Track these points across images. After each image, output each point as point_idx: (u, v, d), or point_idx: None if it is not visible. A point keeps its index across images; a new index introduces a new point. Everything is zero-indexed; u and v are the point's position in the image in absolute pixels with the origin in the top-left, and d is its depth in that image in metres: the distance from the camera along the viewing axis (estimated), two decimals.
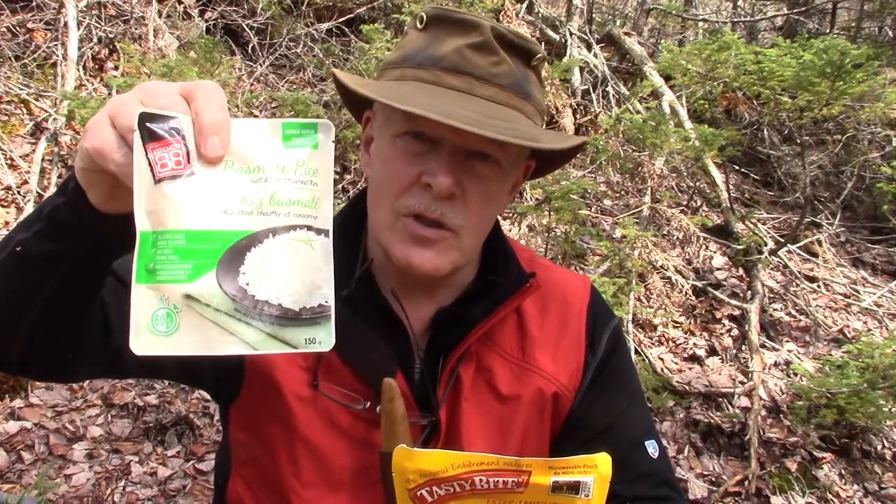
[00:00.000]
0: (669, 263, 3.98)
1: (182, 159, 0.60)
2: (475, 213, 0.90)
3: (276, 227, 0.62)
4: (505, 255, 1.02)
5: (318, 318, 0.63)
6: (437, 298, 0.99)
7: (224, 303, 0.60)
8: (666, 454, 1.07)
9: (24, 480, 2.34)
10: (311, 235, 0.63)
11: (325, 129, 0.63)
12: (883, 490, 3.05)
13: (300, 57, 4.75)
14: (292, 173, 0.63)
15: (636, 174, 4.58)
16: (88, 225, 0.69)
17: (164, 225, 0.59)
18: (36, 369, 0.85)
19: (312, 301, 0.63)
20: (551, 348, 1.01)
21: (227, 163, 0.61)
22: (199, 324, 0.60)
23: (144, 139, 0.59)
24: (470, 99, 0.86)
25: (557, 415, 1.02)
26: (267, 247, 0.62)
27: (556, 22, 5.75)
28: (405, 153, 0.88)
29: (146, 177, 0.59)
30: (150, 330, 0.59)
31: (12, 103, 3.74)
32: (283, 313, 0.62)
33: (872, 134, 5.32)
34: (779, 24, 6.98)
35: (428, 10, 0.91)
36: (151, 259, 0.59)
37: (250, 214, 0.61)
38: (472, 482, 0.86)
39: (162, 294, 0.60)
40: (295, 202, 0.63)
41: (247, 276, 0.61)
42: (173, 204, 0.59)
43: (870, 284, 4.47)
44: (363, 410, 0.94)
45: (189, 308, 0.60)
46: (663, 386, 3.25)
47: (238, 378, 0.97)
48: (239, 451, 1.02)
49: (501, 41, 0.89)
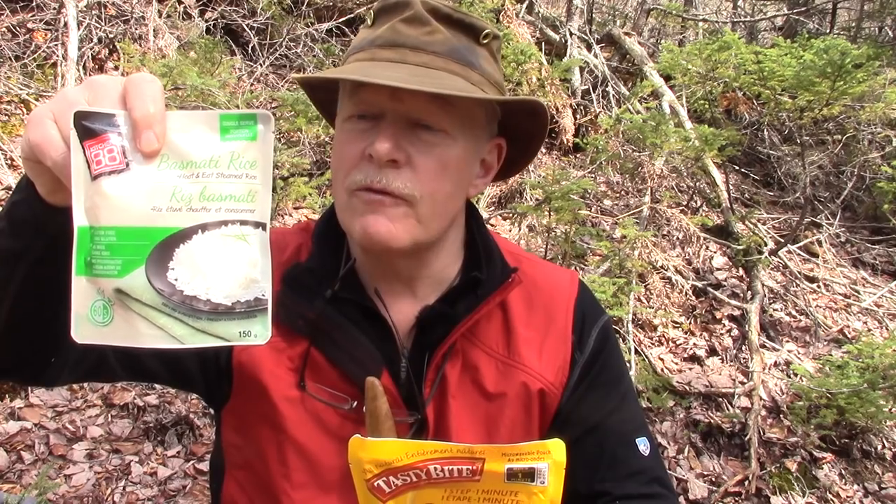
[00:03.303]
0: (669, 263, 3.98)
1: (117, 155, 0.60)
2: (427, 182, 0.88)
3: (206, 224, 0.62)
4: (488, 250, 1.02)
5: (254, 311, 0.63)
6: (422, 296, 0.99)
7: (153, 298, 0.61)
8: (657, 452, 1.07)
9: (24, 480, 2.34)
10: (245, 230, 0.63)
11: (264, 119, 0.62)
12: (883, 490, 3.05)
13: (300, 57, 4.76)
14: (226, 167, 0.62)
15: (636, 174, 4.58)
16: (41, 221, 0.69)
17: (98, 221, 0.61)
18: (17, 374, 0.85)
19: (248, 295, 0.63)
20: (537, 345, 1.01)
21: (163, 157, 0.61)
22: (129, 316, 0.62)
23: (81, 136, 0.60)
24: (401, 66, 0.86)
25: (545, 411, 1.01)
26: (196, 243, 0.62)
27: (556, 22, 5.75)
28: (351, 134, 0.89)
29: (83, 173, 0.60)
30: (89, 320, 0.62)
31: (12, 103, 3.74)
32: (213, 308, 0.62)
33: (872, 134, 5.32)
34: (779, 24, 6.98)
35: (375, 7, 0.93)
36: (89, 253, 0.61)
37: (179, 211, 0.61)
38: (427, 471, 0.86)
39: (98, 286, 0.61)
40: (227, 197, 0.62)
41: (175, 272, 0.62)
42: (106, 201, 0.60)
43: (870, 284, 4.47)
44: (350, 411, 0.94)
45: (121, 302, 0.61)
46: (663, 386, 3.25)
47: (227, 381, 0.97)
48: (232, 453, 1.02)
49: (435, 14, 0.89)
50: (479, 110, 0.93)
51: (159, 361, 0.94)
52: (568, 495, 0.92)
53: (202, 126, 0.62)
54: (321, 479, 0.95)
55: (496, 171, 1.01)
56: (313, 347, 0.95)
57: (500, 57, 0.98)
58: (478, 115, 0.93)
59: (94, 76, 0.64)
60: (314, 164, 4.07)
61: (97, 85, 0.62)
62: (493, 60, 0.94)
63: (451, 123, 0.88)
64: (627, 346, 3.33)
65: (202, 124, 0.62)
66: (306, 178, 3.60)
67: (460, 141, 0.90)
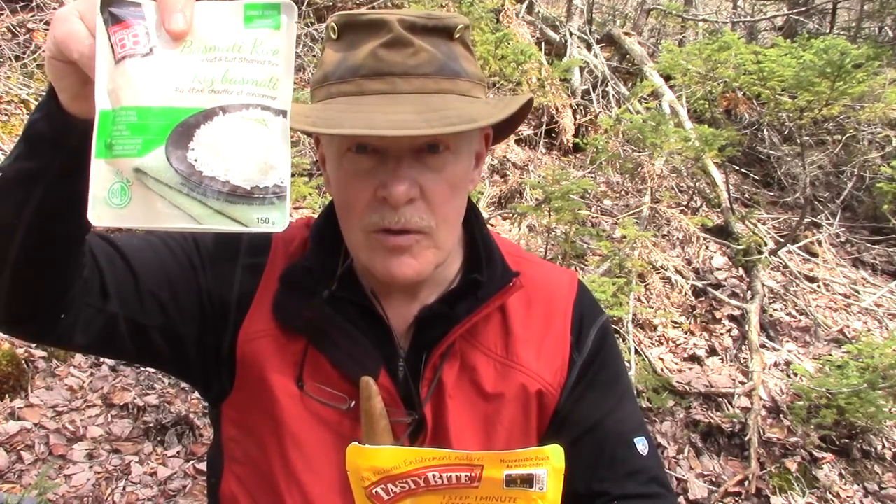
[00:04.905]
0: (669, 263, 3.98)
1: (141, 39, 0.61)
2: (441, 207, 0.88)
3: (227, 105, 0.62)
4: (489, 252, 1.01)
5: (273, 197, 0.62)
6: (421, 297, 0.99)
7: (172, 177, 0.61)
8: (656, 451, 1.07)
9: (24, 480, 2.34)
10: (266, 115, 0.63)
11: (287, 9, 0.63)
12: (883, 490, 3.05)
13: (300, 57, 4.76)
14: (248, 53, 0.63)
15: (636, 174, 4.59)
16: (60, 133, 0.69)
17: (120, 102, 0.61)
18: (28, 326, 0.85)
19: (266, 181, 0.62)
20: (535, 345, 1.01)
21: (187, 43, 0.62)
22: (148, 196, 0.61)
23: (107, 24, 0.61)
24: (395, 99, 0.84)
25: (543, 412, 1.01)
26: (217, 124, 0.62)
27: (556, 22, 5.75)
28: (355, 173, 0.88)
29: (107, 58, 0.61)
30: (107, 202, 0.61)
31: (12, 103, 3.74)
32: (232, 190, 0.62)
33: (872, 134, 5.32)
34: (779, 24, 6.98)
35: (338, 19, 0.90)
36: (109, 135, 0.61)
37: (200, 92, 0.61)
38: (426, 478, 0.86)
39: (117, 168, 0.61)
40: (249, 81, 0.62)
41: (195, 153, 0.61)
42: (129, 81, 0.61)
43: (870, 284, 4.47)
44: (348, 410, 0.94)
45: (139, 181, 0.61)
46: (663, 386, 3.25)
47: (228, 373, 0.97)
48: (231, 448, 1.02)
49: (414, 30, 0.86)
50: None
51: (161, 335, 0.93)
52: (566, 495, 0.92)
53: (227, 15, 0.63)
54: (322, 477, 0.95)
55: (485, 157, 1.01)
56: (311, 347, 0.95)
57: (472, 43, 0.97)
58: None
59: None
60: (314, 164, 4.07)
61: None
62: (469, 53, 0.93)
63: (453, 141, 0.88)
64: (627, 346, 3.33)
65: (227, 13, 0.63)
66: (306, 178, 3.60)
67: (462, 153, 0.91)
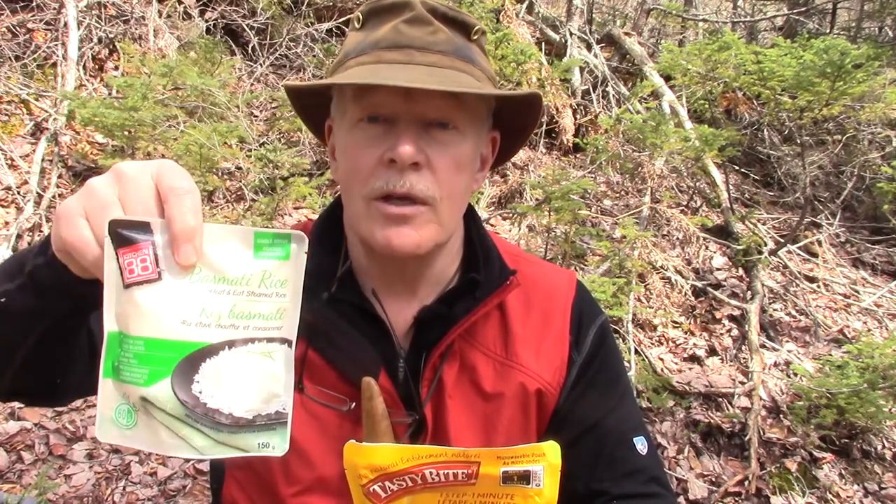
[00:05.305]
0: (669, 263, 3.98)
1: (150, 264, 0.61)
2: (446, 182, 0.89)
3: (233, 340, 0.63)
4: (486, 250, 1.02)
5: (274, 424, 0.64)
6: (420, 297, 0.99)
7: (176, 408, 0.62)
8: (655, 451, 1.07)
9: (24, 480, 2.34)
10: (271, 347, 0.64)
11: (298, 239, 0.63)
12: (883, 490, 3.05)
13: (300, 57, 4.76)
14: (257, 286, 0.63)
15: (636, 174, 4.59)
16: (69, 286, 0.69)
17: (128, 329, 0.61)
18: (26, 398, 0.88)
19: (269, 409, 0.64)
20: (534, 345, 1.01)
21: (196, 269, 0.62)
22: (152, 424, 0.63)
23: (115, 244, 0.60)
24: (412, 67, 0.87)
25: (542, 411, 1.01)
26: (223, 358, 0.62)
27: (556, 22, 5.75)
28: (365, 139, 0.89)
29: (115, 280, 0.61)
30: (114, 422, 0.63)
31: (12, 103, 3.74)
32: (234, 422, 0.63)
33: (872, 134, 5.32)
34: (779, 24, 6.98)
35: (363, 8, 0.93)
36: (117, 358, 0.62)
37: (207, 327, 0.62)
38: (423, 475, 0.86)
39: (124, 392, 0.62)
40: (256, 315, 0.63)
41: (200, 385, 0.62)
42: (137, 310, 0.61)
43: (870, 284, 4.47)
44: (349, 412, 0.94)
45: (145, 409, 0.62)
46: (663, 386, 3.25)
47: None
48: None
49: (435, 13, 0.90)
50: (482, 105, 0.94)
51: None
52: (566, 495, 0.92)
53: (236, 241, 0.62)
54: (321, 480, 0.95)
55: (490, 164, 1.02)
56: (311, 349, 0.95)
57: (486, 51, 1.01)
58: (481, 111, 0.94)
59: (122, 165, 0.63)
60: (314, 164, 4.07)
61: (127, 181, 0.61)
62: (484, 55, 0.96)
63: (461, 120, 0.89)
64: (627, 346, 3.33)
65: (236, 239, 0.62)
66: (306, 178, 3.60)
67: (469, 137, 0.92)
